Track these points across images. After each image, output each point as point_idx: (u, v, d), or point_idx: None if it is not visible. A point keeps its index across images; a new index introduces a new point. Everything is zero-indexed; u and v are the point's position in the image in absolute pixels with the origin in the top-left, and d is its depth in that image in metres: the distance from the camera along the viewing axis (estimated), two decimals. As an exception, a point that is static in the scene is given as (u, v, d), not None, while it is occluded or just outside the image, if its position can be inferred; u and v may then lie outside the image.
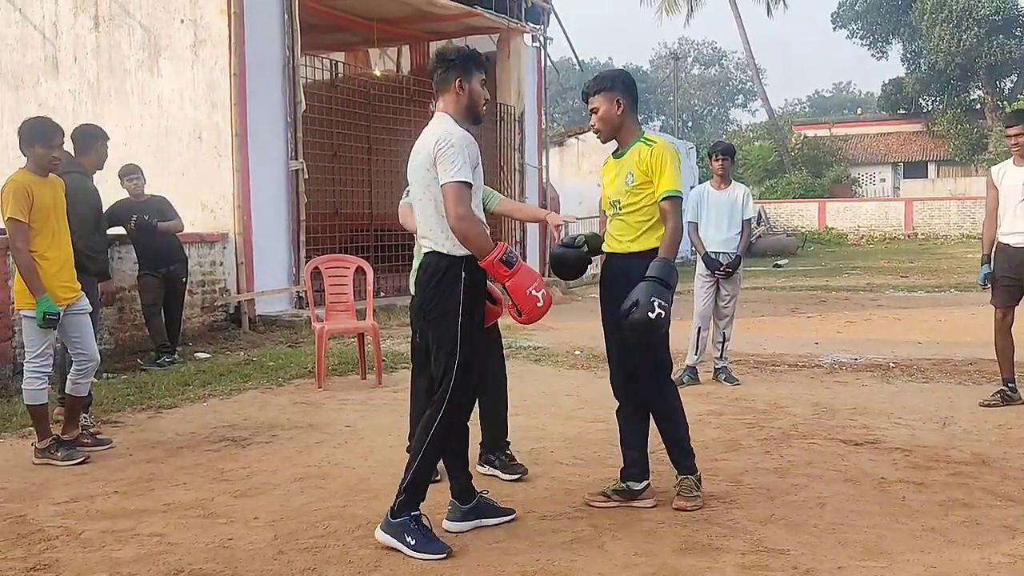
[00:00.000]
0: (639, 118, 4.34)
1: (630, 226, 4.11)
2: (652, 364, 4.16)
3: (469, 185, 3.58)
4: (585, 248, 4.28)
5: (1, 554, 3.68)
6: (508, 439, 4.75)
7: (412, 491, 3.68)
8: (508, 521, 3.97)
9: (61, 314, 5.01)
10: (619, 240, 4.16)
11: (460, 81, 3.78)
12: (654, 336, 3.98)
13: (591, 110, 4.18)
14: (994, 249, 6.28)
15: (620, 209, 4.13)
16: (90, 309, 5.39)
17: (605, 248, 4.27)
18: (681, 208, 4.07)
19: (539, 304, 3.67)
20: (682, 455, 4.21)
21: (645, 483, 4.22)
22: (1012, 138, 6.09)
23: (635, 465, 4.23)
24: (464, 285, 3.66)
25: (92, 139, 6.22)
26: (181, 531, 3.92)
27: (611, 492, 4.21)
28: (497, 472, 4.65)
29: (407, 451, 4.28)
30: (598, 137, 4.23)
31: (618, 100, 4.12)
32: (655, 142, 4.12)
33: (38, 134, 5.05)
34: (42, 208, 4.99)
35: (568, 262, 4.30)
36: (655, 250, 4.01)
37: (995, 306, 6.33)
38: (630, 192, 4.09)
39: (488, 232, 3.76)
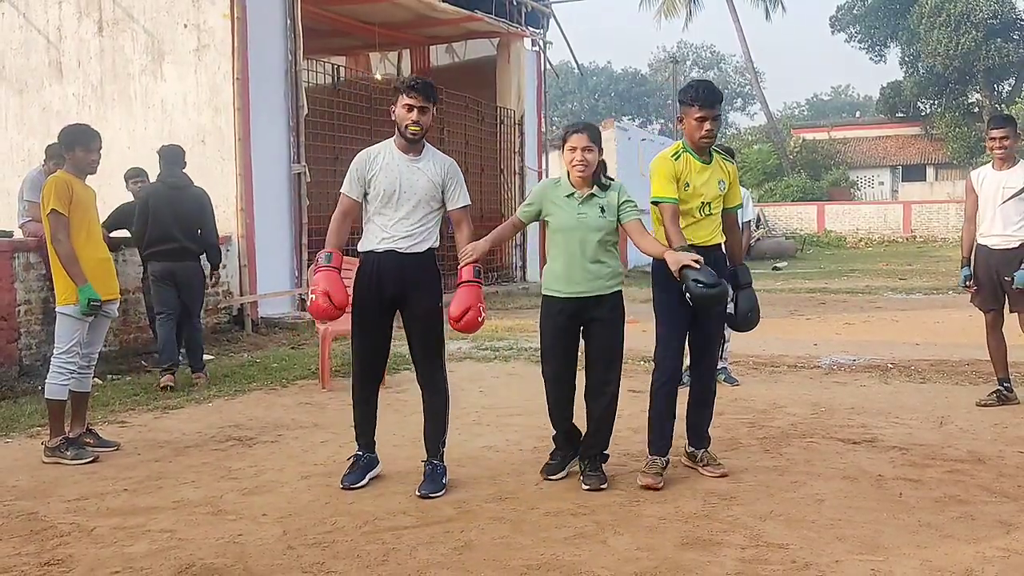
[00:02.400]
0: (638, 122, 4.53)
1: (715, 225, 4.72)
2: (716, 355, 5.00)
3: (342, 195, 4.63)
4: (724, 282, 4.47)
5: (15, 549, 3.75)
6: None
7: None
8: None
9: (101, 303, 5.17)
10: (704, 237, 4.63)
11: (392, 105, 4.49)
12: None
13: (713, 117, 4.52)
14: (973, 251, 6.39)
15: (711, 210, 4.66)
16: (115, 316, 5.60)
17: (692, 242, 4.53)
18: None
19: (307, 303, 4.49)
20: (708, 431, 4.82)
21: None
22: (996, 140, 6.15)
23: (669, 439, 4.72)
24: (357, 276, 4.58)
25: (182, 155, 7.53)
26: (191, 527, 3.99)
27: (661, 470, 4.57)
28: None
29: None
30: (709, 144, 4.60)
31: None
32: (727, 156, 4.85)
33: (78, 138, 5.29)
34: (80, 204, 5.18)
35: (724, 298, 4.48)
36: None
37: (980, 309, 6.43)
38: (720, 197, 4.69)
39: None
